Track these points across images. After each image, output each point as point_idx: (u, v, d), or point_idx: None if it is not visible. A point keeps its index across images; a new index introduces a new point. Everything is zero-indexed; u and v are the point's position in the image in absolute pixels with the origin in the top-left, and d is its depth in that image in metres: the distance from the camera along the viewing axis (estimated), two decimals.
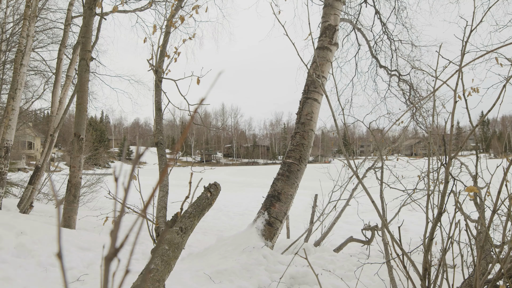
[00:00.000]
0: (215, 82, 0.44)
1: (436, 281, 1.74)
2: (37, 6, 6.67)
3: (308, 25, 2.02)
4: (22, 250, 3.55)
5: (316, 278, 1.40)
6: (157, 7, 9.33)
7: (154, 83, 3.26)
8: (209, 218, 9.77)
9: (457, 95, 1.74)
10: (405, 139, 30.63)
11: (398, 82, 8.41)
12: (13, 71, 6.23)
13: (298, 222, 8.50)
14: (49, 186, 9.21)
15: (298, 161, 4.27)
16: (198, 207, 1.98)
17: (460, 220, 1.75)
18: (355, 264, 3.71)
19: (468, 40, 1.82)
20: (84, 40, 5.70)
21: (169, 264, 1.56)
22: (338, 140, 3.28)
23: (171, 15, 3.50)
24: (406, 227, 7.23)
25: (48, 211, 8.29)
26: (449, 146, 1.71)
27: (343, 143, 1.99)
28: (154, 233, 2.26)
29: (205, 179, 2.21)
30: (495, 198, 1.60)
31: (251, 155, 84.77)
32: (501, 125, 75.06)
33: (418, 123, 8.37)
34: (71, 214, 5.46)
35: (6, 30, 9.57)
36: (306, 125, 4.42)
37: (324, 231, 5.50)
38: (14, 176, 13.00)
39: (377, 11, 7.86)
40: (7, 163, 5.93)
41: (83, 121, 5.62)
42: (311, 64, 5.00)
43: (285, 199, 4.09)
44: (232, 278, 3.05)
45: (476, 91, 2.64)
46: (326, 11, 4.94)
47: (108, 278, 0.34)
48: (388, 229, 1.75)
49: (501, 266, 1.49)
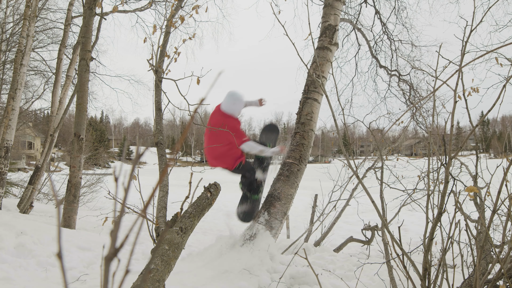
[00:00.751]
0: (215, 82, 0.44)
1: (436, 281, 1.74)
2: (37, 6, 6.67)
3: (308, 25, 2.02)
4: (22, 250, 3.55)
5: (316, 278, 1.40)
6: (157, 7, 9.33)
7: (154, 83, 3.26)
8: (209, 218, 9.77)
9: (457, 95, 1.74)
10: (405, 139, 30.64)
11: (398, 82, 8.41)
12: (13, 71, 6.23)
13: (298, 222, 8.49)
14: (49, 186, 9.21)
15: (298, 161, 4.27)
16: (198, 207, 1.98)
17: (460, 220, 1.75)
18: (355, 264, 3.71)
19: (468, 40, 1.82)
20: (84, 40, 5.70)
21: (169, 264, 1.56)
22: (338, 140, 3.28)
23: (171, 15, 3.50)
24: (406, 227, 7.22)
25: (48, 211, 8.29)
26: (449, 146, 1.71)
27: (343, 143, 1.99)
28: (154, 233, 2.26)
29: (205, 179, 2.21)
30: (495, 198, 1.60)
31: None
32: (501, 125, 75.04)
33: (418, 123, 8.37)
34: (71, 214, 5.47)
35: (6, 30, 9.57)
36: (306, 125, 4.42)
37: (324, 231, 5.50)
38: (14, 176, 12.99)
39: (377, 11, 7.86)
40: (7, 163, 5.93)
41: (83, 121, 5.62)
42: (311, 64, 5.00)
43: (285, 199, 4.09)
44: (231, 277, 3.05)
45: (476, 91, 2.65)
46: (326, 11, 4.93)
47: (108, 278, 0.34)
48: (388, 229, 1.75)
49: (501, 266, 1.49)
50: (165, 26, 3.40)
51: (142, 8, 9.09)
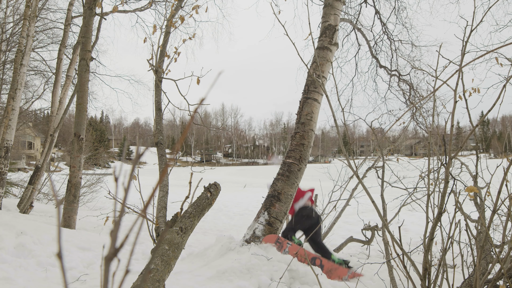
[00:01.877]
0: (215, 82, 0.44)
1: (436, 281, 1.74)
2: (37, 6, 6.67)
3: (308, 25, 2.02)
4: (22, 250, 3.55)
5: (316, 278, 1.40)
6: (157, 7, 9.33)
7: (154, 83, 3.26)
8: (209, 218, 9.76)
9: (458, 95, 1.73)
10: (405, 139, 30.65)
11: (398, 82, 8.41)
12: (13, 71, 6.23)
13: None
14: (49, 186, 9.20)
15: (298, 161, 4.27)
16: (198, 207, 1.97)
17: (460, 220, 1.75)
18: (355, 264, 3.71)
19: (468, 40, 1.82)
20: (84, 40, 5.70)
21: (169, 264, 1.56)
22: (338, 140, 3.27)
23: (171, 15, 3.50)
24: (406, 227, 7.22)
25: (48, 211, 8.29)
26: (449, 146, 1.71)
27: (343, 143, 1.99)
28: (154, 233, 2.26)
29: (205, 179, 2.21)
30: (495, 198, 1.60)
31: (251, 155, 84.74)
32: (501, 125, 75.05)
33: (418, 123, 8.37)
34: (71, 214, 5.46)
35: (6, 30, 9.57)
36: (306, 125, 4.42)
37: (324, 231, 5.50)
38: (14, 176, 12.99)
39: (377, 11, 7.86)
40: (7, 163, 5.93)
41: (83, 121, 5.62)
42: (311, 64, 5.00)
43: (285, 199, 4.09)
44: (231, 277, 3.04)
45: (477, 91, 2.65)
46: (326, 11, 4.93)
47: (108, 278, 0.34)
48: (388, 229, 1.75)
49: (501, 266, 1.49)
50: (165, 26, 3.40)
51: (142, 8, 9.09)
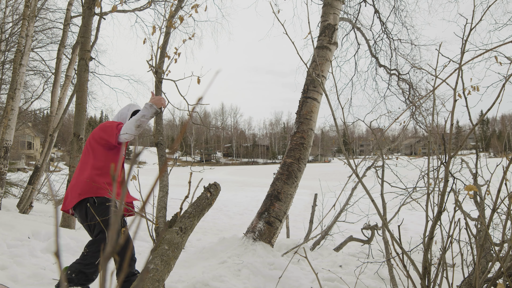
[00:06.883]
0: (212, 81, 0.44)
1: (436, 280, 1.74)
2: (36, 6, 6.65)
3: (308, 24, 2.02)
4: (21, 249, 3.54)
5: (316, 277, 1.40)
6: (156, 7, 9.32)
7: (154, 84, 3.25)
8: (209, 218, 9.77)
9: (457, 94, 1.73)
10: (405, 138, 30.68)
11: (398, 81, 8.41)
12: (12, 71, 6.22)
13: (298, 222, 8.50)
14: (48, 186, 9.20)
15: (297, 160, 4.27)
16: (198, 207, 1.97)
17: (460, 219, 1.75)
18: (355, 263, 3.71)
19: (468, 38, 1.82)
20: (83, 40, 5.69)
21: (169, 264, 1.56)
22: (338, 139, 3.29)
23: (170, 15, 3.49)
24: (406, 226, 7.23)
25: (47, 211, 8.28)
26: (449, 145, 1.71)
27: (343, 142, 1.99)
28: (154, 233, 2.26)
29: (204, 178, 2.21)
30: (495, 196, 1.60)
31: (250, 155, 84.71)
32: (501, 124, 75.12)
33: (417, 122, 8.37)
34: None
35: (5, 30, 9.56)
36: (306, 124, 4.42)
37: (324, 230, 5.50)
38: (14, 176, 12.98)
39: (377, 10, 7.85)
40: (7, 163, 5.92)
41: (83, 121, 5.61)
42: (310, 64, 5.00)
43: (284, 198, 4.09)
44: (231, 277, 3.05)
45: (477, 89, 2.64)
46: (326, 10, 4.93)
47: (106, 278, 0.34)
48: (388, 228, 1.75)
49: (501, 265, 1.49)
50: (165, 26, 3.39)
51: (141, 8, 9.08)
